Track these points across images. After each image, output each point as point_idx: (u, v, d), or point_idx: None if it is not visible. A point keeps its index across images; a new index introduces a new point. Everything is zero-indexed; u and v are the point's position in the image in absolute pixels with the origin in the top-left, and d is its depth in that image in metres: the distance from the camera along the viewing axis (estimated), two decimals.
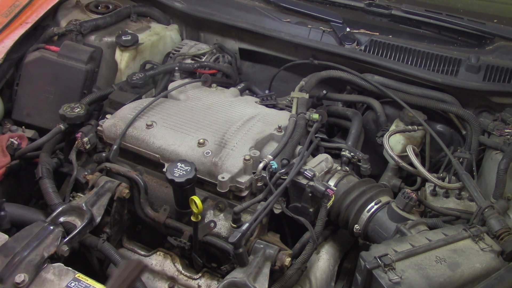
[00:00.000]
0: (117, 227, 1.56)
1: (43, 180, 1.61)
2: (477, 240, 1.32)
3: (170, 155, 1.57)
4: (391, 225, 1.46)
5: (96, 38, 2.12)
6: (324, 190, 1.42)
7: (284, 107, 1.92)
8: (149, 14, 2.37)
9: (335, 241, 1.64)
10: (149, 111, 1.73)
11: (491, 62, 1.88)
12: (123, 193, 1.51)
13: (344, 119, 1.98)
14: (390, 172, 1.82)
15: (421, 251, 1.25)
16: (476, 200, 1.48)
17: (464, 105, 1.92)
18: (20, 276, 1.19)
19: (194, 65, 2.07)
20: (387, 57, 1.99)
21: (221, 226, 1.49)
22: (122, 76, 2.10)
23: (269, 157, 1.52)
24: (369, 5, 2.15)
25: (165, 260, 1.56)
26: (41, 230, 1.33)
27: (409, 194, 1.47)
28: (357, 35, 2.07)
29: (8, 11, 2.05)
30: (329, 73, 2.01)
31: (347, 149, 1.75)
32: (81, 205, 1.43)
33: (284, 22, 2.15)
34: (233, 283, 1.29)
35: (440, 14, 2.05)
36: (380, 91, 1.95)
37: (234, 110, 1.79)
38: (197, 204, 1.31)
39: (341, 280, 1.61)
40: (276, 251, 1.41)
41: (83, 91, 1.97)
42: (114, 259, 1.40)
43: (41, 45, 2.04)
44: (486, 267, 1.25)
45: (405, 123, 1.85)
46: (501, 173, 1.54)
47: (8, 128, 1.89)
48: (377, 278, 1.18)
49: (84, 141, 1.68)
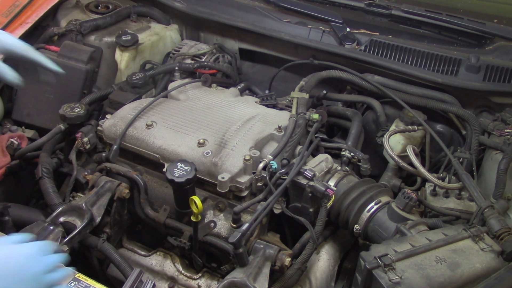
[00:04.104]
0: (117, 227, 1.56)
1: (43, 180, 1.61)
2: (477, 240, 1.32)
3: (170, 155, 1.57)
4: (391, 225, 1.46)
5: (96, 38, 2.12)
6: (324, 190, 1.42)
7: (284, 107, 1.92)
8: (149, 14, 2.37)
9: (335, 241, 1.64)
10: (149, 111, 1.73)
11: (491, 62, 1.88)
12: (123, 193, 1.51)
13: (344, 119, 1.98)
14: (390, 172, 1.82)
15: (421, 251, 1.25)
16: (476, 200, 1.48)
17: (464, 105, 1.92)
18: None
19: (194, 65, 2.07)
20: (387, 57, 1.99)
21: (221, 226, 1.49)
22: (122, 76, 2.09)
23: (269, 157, 1.52)
24: (369, 5, 2.15)
25: (165, 260, 1.56)
26: (41, 230, 1.33)
27: (409, 194, 1.47)
28: (357, 35, 2.07)
29: (8, 11, 2.05)
30: (329, 73, 2.01)
31: (347, 149, 1.75)
32: (81, 205, 1.43)
33: (284, 22, 2.15)
34: (233, 283, 1.29)
35: (440, 14, 2.05)
36: (380, 91, 1.95)
37: (234, 110, 1.79)
38: (197, 204, 1.31)
39: (341, 280, 1.61)
40: (276, 251, 1.41)
41: (83, 91, 1.97)
42: (114, 259, 1.40)
43: (41, 45, 2.04)
44: (486, 267, 1.25)
45: (405, 123, 1.85)
46: (501, 173, 1.54)
47: (8, 128, 1.89)
48: (377, 278, 1.18)
49: (84, 141, 1.68)
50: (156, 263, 1.56)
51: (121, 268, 1.38)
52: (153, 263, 1.57)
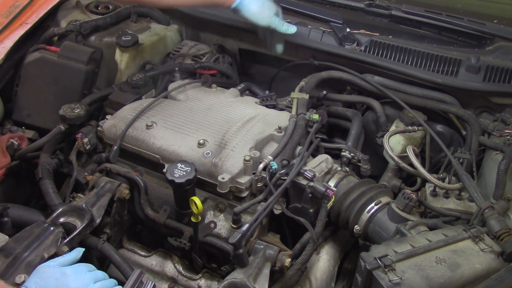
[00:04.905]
0: (117, 227, 1.56)
1: (43, 181, 1.61)
2: (477, 241, 1.32)
3: (170, 155, 1.57)
4: (391, 225, 1.46)
5: (96, 39, 2.12)
6: (324, 191, 1.42)
7: (284, 107, 1.92)
8: (149, 14, 2.37)
9: (335, 241, 1.64)
10: (149, 112, 1.73)
11: (491, 63, 1.88)
12: (123, 194, 1.51)
13: (344, 119, 1.98)
14: (390, 173, 1.82)
15: (421, 252, 1.25)
16: (476, 201, 1.48)
17: (464, 105, 1.92)
18: (20, 277, 1.19)
19: (194, 66, 2.07)
20: (387, 58, 1.99)
21: (221, 227, 1.49)
22: (122, 76, 2.09)
23: (269, 157, 1.52)
24: (369, 6, 2.15)
25: (165, 260, 1.56)
26: (41, 230, 1.33)
27: (409, 195, 1.47)
28: (357, 35, 2.06)
29: (8, 12, 2.04)
30: (329, 73, 2.01)
31: (347, 149, 1.75)
32: (81, 206, 1.43)
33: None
34: (233, 283, 1.29)
35: (440, 14, 2.05)
36: (380, 91, 1.95)
37: (234, 110, 1.79)
38: (197, 205, 1.31)
39: (341, 280, 1.61)
40: (276, 251, 1.41)
41: (83, 92, 1.97)
42: (114, 259, 1.40)
43: (41, 46, 2.03)
44: (486, 268, 1.25)
45: (405, 123, 1.85)
46: (501, 174, 1.54)
47: (8, 129, 1.89)
48: (377, 278, 1.18)
49: (84, 141, 1.68)
50: (156, 264, 1.57)
51: (122, 268, 1.38)
52: (153, 264, 1.57)
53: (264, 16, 1.86)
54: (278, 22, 1.89)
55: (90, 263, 1.29)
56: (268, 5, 1.88)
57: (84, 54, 1.98)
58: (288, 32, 1.92)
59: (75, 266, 1.23)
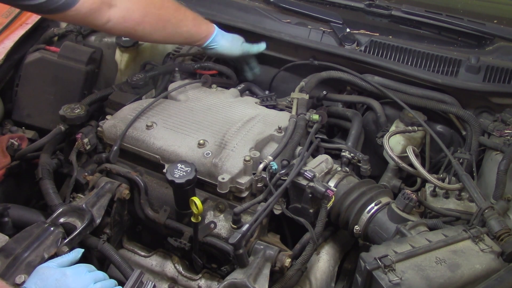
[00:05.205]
0: (117, 228, 1.56)
1: (43, 181, 1.61)
2: (477, 241, 1.32)
3: (170, 156, 1.57)
4: (391, 226, 1.46)
5: (96, 39, 2.12)
6: (324, 191, 1.42)
7: (284, 107, 1.92)
8: None
9: (335, 242, 1.64)
10: (149, 112, 1.73)
11: (491, 63, 1.88)
12: (123, 194, 1.51)
13: (344, 119, 1.98)
14: (390, 173, 1.82)
15: (421, 252, 1.25)
16: (476, 201, 1.48)
17: (464, 105, 1.92)
18: (20, 277, 1.19)
19: (194, 66, 2.07)
20: (387, 58, 1.99)
21: (221, 227, 1.49)
22: (122, 76, 2.10)
23: (269, 158, 1.52)
24: (369, 6, 2.15)
25: (165, 261, 1.56)
26: (41, 231, 1.33)
27: (409, 195, 1.47)
28: (357, 35, 2.06)
29: (8, 12, 2.05)
30: (329, 73, 2.01)
31: (347, 149, 1.75)
32: (81, 206, 1.43)
33: (284, 23, 2.15)
34: (233, 284, 1.29)
35: (440, 14, 2.04)
36: (380, 91, 1.95)
37: (234, 111, 1.79)
38: (197, 205, 1.31)
39: (341, 281, 1.61)
40: (276, 252, 1.41)
41: (83, 92, 1.97)
42: (114, 260, 1.40)
43: (41, 46, 2.04)
44: (486, 268, 1.25)
45: (405, 123, 1.85)
46: (501, 174, 1.54)
47: (8, 129, 1.89)
48: (377, 279, 1.18)
49: (84, 142, 1.68)
50: (156, 264, 1.57)
51: (122, 269, 1.38)
52: (153, 264, 1.57)
53: (236, 46, 1.98)
54: (249, 47, 2.02)
55: (90, 263, 1.29)
56: (236, 36, 1.99)
57: (84, 54, 1.98)
58: (261, 50, 2.05)
59: (75, 266, 1.23)
